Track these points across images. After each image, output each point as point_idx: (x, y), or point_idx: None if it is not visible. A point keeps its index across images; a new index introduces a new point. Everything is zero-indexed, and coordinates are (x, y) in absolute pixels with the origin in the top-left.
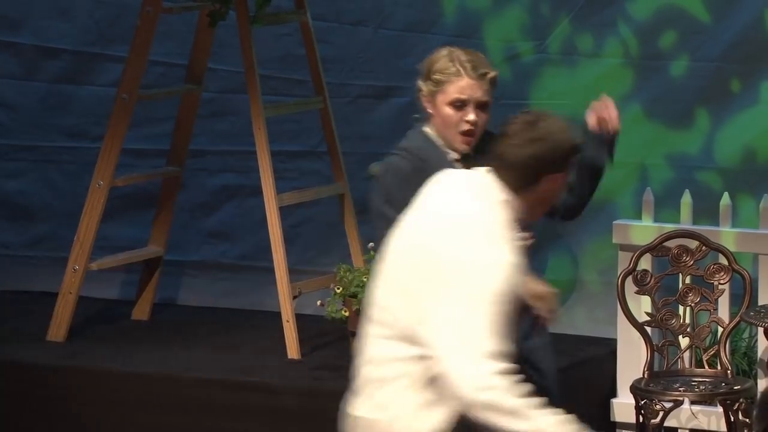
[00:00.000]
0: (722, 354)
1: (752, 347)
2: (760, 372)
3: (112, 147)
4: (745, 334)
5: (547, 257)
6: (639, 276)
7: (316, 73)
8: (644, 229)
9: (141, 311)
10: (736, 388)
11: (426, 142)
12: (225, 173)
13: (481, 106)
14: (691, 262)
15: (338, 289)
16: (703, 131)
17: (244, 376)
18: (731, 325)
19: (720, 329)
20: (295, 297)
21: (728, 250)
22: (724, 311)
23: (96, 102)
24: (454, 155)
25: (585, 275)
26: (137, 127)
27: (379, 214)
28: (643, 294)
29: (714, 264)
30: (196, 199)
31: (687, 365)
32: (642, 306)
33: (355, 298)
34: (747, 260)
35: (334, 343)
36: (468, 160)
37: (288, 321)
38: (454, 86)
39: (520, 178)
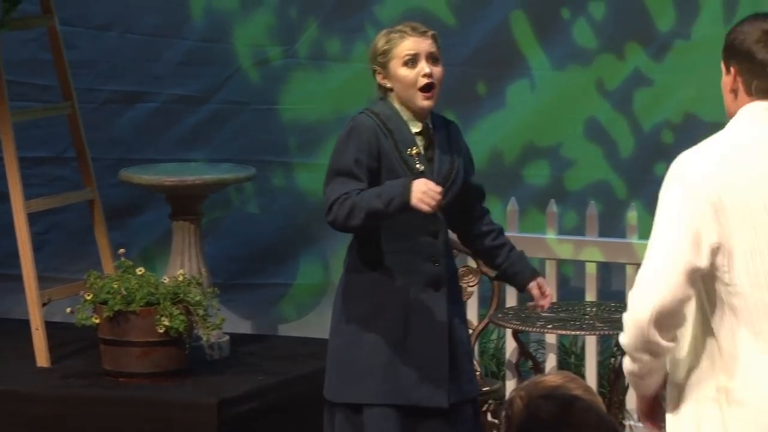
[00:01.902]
0: None
1: (500, 349)
2: (508, 373)
3: None
4: (494, 336)
5: (298, 262)
6: None
7: (64, 78)
8: None
9: None
10: (485, 389)
11: (392, 111)
12: None
13: (432, 59)
14: None
15: (88, 296)
16: None
17: None
18: (480, 326)
19: (469, 331)
20: (44, 304)
21: None
22: (472, 313)
23: None
24: (416, 128)
25: (336, 279)
26: None
27: (340, 170)
28: None
29: (463, 266)
30: None
31: None
32: None
33: (106, 305)
34: None
35: (85, 350)
36: (428, 134)
37: (37, 329)
38: (401, 46)
39: None
